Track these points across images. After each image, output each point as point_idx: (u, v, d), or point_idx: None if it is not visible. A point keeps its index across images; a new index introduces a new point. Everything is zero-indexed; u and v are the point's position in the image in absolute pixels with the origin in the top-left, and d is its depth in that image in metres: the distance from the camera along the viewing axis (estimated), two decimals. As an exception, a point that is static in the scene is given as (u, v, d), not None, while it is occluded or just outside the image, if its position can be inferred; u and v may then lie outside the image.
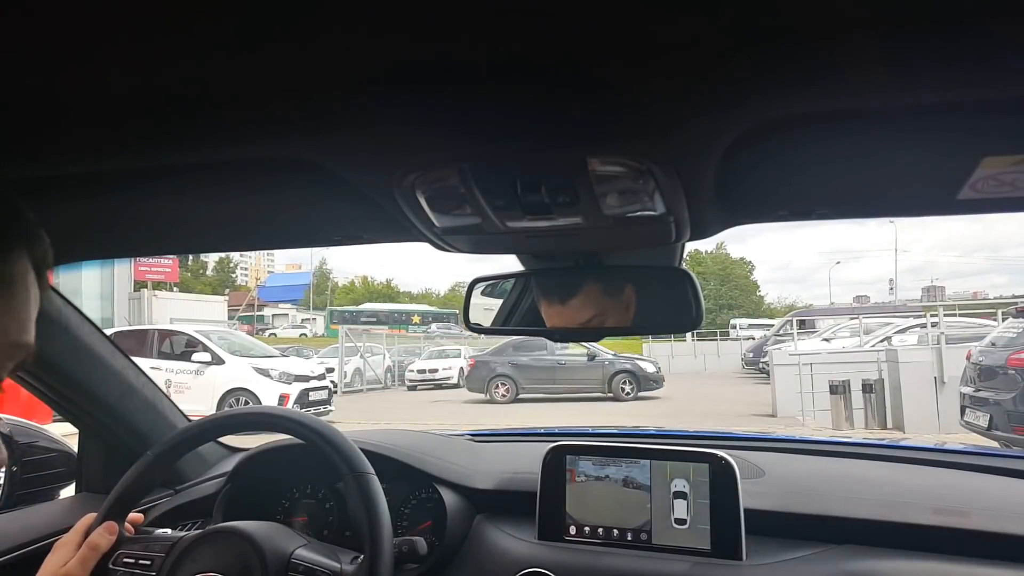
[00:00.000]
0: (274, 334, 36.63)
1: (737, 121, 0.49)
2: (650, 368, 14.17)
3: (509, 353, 13.57)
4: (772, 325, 22.79)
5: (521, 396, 13.55)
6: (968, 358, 6.66)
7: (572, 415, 11.05)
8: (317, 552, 0.89)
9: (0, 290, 0.41)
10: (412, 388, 17.85)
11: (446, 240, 0.77)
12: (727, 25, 0.39)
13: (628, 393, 13.55)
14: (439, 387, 17.52)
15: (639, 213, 0.66)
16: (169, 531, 1.06)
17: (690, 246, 1.27)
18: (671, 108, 0.48)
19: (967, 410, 6.32)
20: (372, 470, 0.90)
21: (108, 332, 1.30)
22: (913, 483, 1.14)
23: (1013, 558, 0.91)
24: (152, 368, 9.14)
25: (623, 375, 13.77)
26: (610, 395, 13.57)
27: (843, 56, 0.42)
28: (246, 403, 9.04)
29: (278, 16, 0.39)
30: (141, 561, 0.90)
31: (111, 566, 0.91)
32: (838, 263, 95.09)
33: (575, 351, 13.79)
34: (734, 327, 28.99)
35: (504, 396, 13.49)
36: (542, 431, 1.60)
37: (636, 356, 15.29)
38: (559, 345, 12.90)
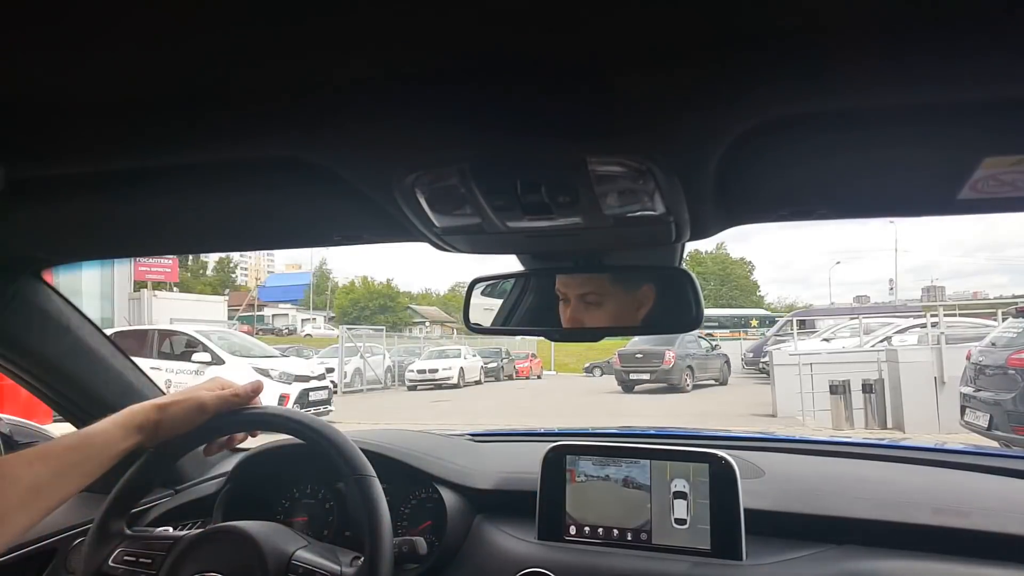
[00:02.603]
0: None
1: (737, 121, 0.49)
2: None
3: (684, 346, 15.08)
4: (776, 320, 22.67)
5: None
6: (968, 358, 6.66)
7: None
8: (317, 554, 0.89)
9: None
10: (412, 388, 17.85)
11: (446, 240, 0.77)
12: (727, 25, 0.39)
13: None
14: (439, 387, 17.52)
15: (639, 213, 0.66)
16: (171, 529, 1.06)
17: (690, 246, 1.27)
18: (671, 108, 0.48)
19: (967, 410, 6.32)
20: (373, 472, 0.90)
21: (108, 332, 1.30)
22: (913, 483, 1.14)
23: (1013, 558, 0.91)
24: (152, 368, 9.14)
25: (727, 364, 16.54)
26: (721, 381, 15.91)
27: (843, 56, 0.42)
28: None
29: (278, 17, 0.39)
30: (141, 560, 0.90)
31: (111, 564, 0.91)
32: (838, 263, 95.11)
33: (700, 343, 16.00)
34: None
35: (689, 384, 14.78)
36: (542, 431, 1.60)
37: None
38: (693, 336, 14.88)
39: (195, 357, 9.76)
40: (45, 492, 0.74)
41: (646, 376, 14.65)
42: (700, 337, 15.82)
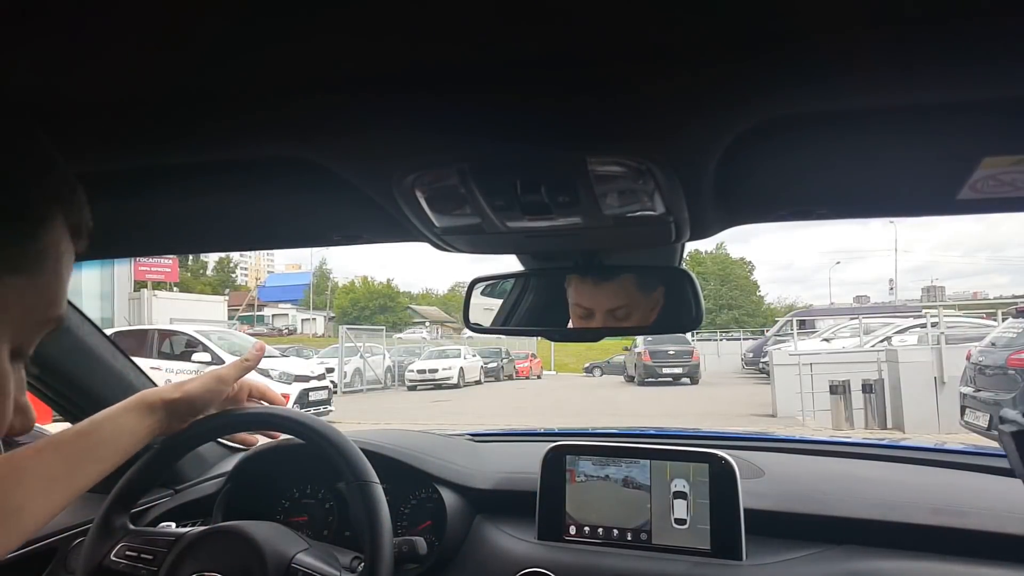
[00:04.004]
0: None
1: (737, 121, 0.49)
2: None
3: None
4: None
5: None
6: (968, 358, 6.66)
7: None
8: (317, 558, 0.89)
9: (30, 267, 0.35)
10: (412, 388, 17.85)
11: (446, 240, 0.77)
12: (727, 26, 0.39)
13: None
14: (439, 387, 17.52)
15: (639, 213, 0.66)
16: (173, 525, 1.06)
17: (690, 246, 1.27)
18: (671, 108, 0.48)
19: (967, 410, 6.33)
20: (376, 479, 0.89)
21: (108, 332, 1.30)
22: (913, 483, 1.14)
23: (1013, 558, 0.91)
24: (152, 368, 9.14)
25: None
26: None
27: (843, 56, 0.42)
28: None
29: (279, 17, 0.39)
30: (143, 555, 0.91)
31: (113, 558, 0.91)
32: (838, 263, 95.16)
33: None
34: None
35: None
36: (542, 431, 1.60)
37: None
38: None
39: (195, 357, 9.77)
40: (61, 481, 0.73)
41: (679, 370, 16.42)
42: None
